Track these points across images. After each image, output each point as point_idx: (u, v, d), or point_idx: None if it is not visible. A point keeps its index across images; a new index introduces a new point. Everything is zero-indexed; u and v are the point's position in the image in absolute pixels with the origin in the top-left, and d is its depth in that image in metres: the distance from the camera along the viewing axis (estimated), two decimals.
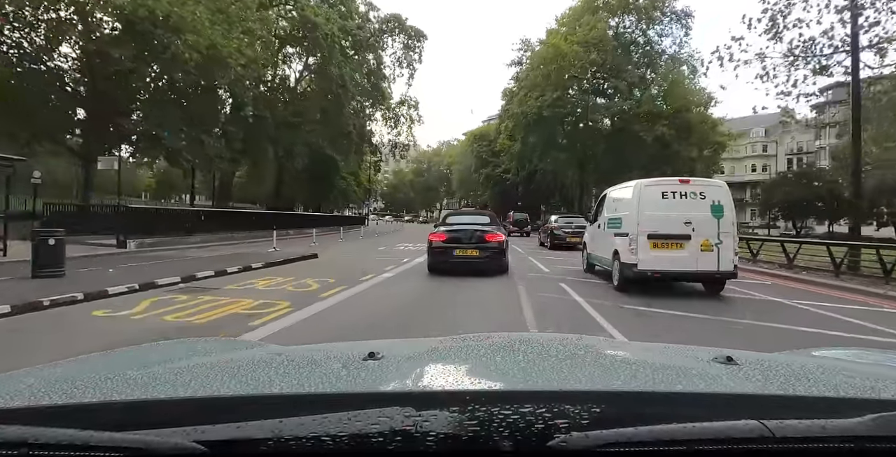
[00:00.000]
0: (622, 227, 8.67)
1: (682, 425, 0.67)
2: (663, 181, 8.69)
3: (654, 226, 8.04)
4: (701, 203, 8.07)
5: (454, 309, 7.04)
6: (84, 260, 11.40)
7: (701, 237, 7.97)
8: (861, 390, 0.98)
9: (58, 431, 0.64)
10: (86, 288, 7.28)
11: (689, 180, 8.56)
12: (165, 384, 1.02)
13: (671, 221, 8.01)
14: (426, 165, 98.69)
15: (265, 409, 0.77)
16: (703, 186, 8.41)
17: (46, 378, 1.07)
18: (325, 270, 10.94)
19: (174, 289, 8.20)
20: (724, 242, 8.00)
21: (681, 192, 8.15)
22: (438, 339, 1.53)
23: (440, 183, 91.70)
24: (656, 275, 8.10)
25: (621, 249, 8.46)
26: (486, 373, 1.13)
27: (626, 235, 8.32)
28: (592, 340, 1.75)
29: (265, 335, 5.18)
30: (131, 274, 9.20)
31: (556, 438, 0.66)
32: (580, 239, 19.02)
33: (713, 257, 7.98)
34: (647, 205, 8.16)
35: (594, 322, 6.17)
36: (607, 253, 9.34)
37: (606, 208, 10.18)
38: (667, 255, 8.00)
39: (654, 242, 8.03)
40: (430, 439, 0.66)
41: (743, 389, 1.00)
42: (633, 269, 8.10)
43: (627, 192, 8.96)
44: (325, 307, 6.89)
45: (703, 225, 7.98)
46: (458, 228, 10.84)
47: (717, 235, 7.99)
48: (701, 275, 8.33)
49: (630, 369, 1.22)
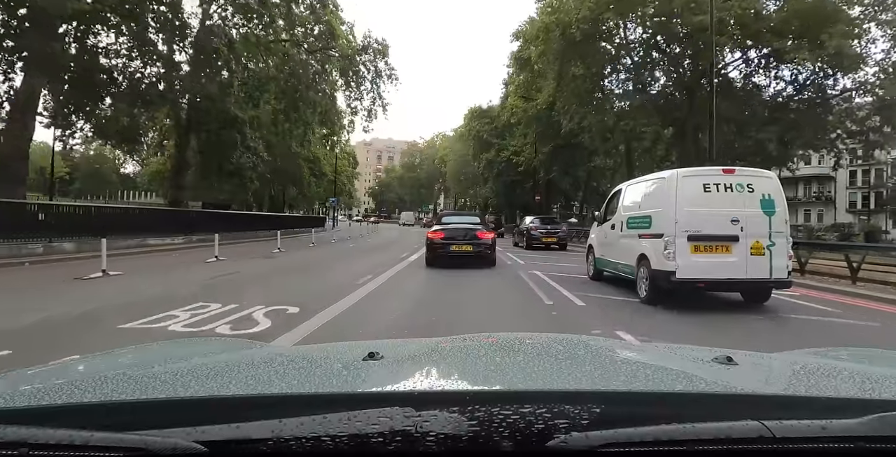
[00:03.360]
0: (652, 226, 7.36)
1: (682, 425, 0.67)
2: (704, 171, 7.47)
3: (695, 225, 6.72)
4: (749, 197, 6.83)
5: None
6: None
7: (751, 238, 6.74)
8: (861, 390, 0.98)
9: (58, 431, 0.64)
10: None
11: (733, 170, 7.34)
12: (165, 384, 1.02)
13: (716, 219, 6.72)
14: (418, 160, 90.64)
15: (265, 409, 0.77)
16: (750, 176, 7.13)
17: (46, 378, 1.07)
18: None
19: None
20: (777, 244, 6.78)
21: (725, 183, 6.86)
22: (438, 339, 1.53)
23: (434, 180, 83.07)
24: (700, 285, 6.84)
25: (652, 254, 7.12)
26: (486, 373, 1.13)
27: (660, 236, 6.97)
28: (592, 340, 1.75)
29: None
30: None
31: (556, 438, 0.66)
32: (554, 239, 19.59)
33: (765, 262, 6.73)
34: (686, 199, 6.82)
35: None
36: (628, 258, 8.04)
37: (623, 206, 8.77)
38: (711, 260, 6.72)
39: (695, 244, 6.70)
40: (430, 439, 0.66)
41: (743, 389, 1.00)
42: (669, 278, 6.71)
43: (659, 184, 7.64)
44: None
45: (753, 223, 6.75)
46: (453, 227, 12.23)
47: (770, 236, 6.76)
48: (751, 284, 7.01)
49: (630, 369, 1.22)
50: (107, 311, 6.23)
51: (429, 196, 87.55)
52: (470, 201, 61.05)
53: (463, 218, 13.41)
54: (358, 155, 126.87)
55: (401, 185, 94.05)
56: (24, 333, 5.00)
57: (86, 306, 6.46)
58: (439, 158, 73.40)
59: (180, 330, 5.17)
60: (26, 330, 5.09)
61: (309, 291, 8.04)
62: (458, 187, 61.77)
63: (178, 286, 8.43)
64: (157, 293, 7.60)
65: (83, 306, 6.45)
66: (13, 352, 4.12)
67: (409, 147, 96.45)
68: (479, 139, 45.21)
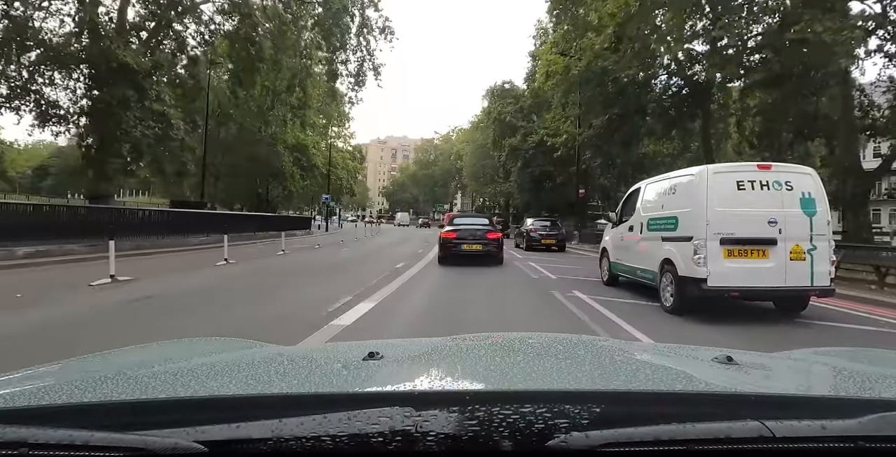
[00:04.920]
0: (679, 229, 6.77)
1: (682, 425, 0.67)
2: (737, 167, 6.89)
3: (728, 227, 6.17)
4: (788, 196, 6.25)
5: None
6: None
7: (790, 241, 6.16)
8: (861, 389, 0.98)
9: (58, 431, 0.64)
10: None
11: (769, 165, 6.66)
12: (165, 384, 1.02)
13: (751, 221, 6.18)
14: (433, 156, 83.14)
15: (265, 409, 0.77)
16: (788, 173, 6.53)
17: (46, 378, 1.07)
18: None
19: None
20: (819, 248, 6.19)
21: (761, 181, 6.29)
22: (438, 339, 1.53)
23: (450, 177, 75.28)
24: (733, 294, 6.23)
25: (679, 259, 6.54)
26: (486, 373, 1.13)
27: (688, 239, 6.40)
28: (592, 340, 1.75)
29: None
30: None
31: (556, 438, 0.66)
32: (553, 241, 19.63)
33: (805, 269, 6.16)
34: (718, 199, 6.25)
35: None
36: (649, 263, 7.49)
37: (643, 206, 8.15)
38: (746, 266, 6.15)
39: (728, 248, 6.16)
40: (430, 439, 0.66)
41: (743, 389, 1.00)
42: (700, 285, 6.16)
43: (686, 182, 6.99)
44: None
45: (793, 225, 6.19)
46: (464, 227, 13.24)
47: (811, 239, 6.19)
48: (790, 292, 6.38)
49: (630, 369, 1.22)
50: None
51: (444, 195, 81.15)
52: (488, 201, 54.98)
53: (473, 219, 14.63)
54: (372, 154, 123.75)
55: (414, 183, 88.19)
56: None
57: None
58: (455, 153, 66.50)
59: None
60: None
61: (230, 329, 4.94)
62: (475, 185, 55.07)
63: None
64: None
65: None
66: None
67: (424, 143, 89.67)
68: (500, 122, 37.55)
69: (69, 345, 4.39)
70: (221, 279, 9.63)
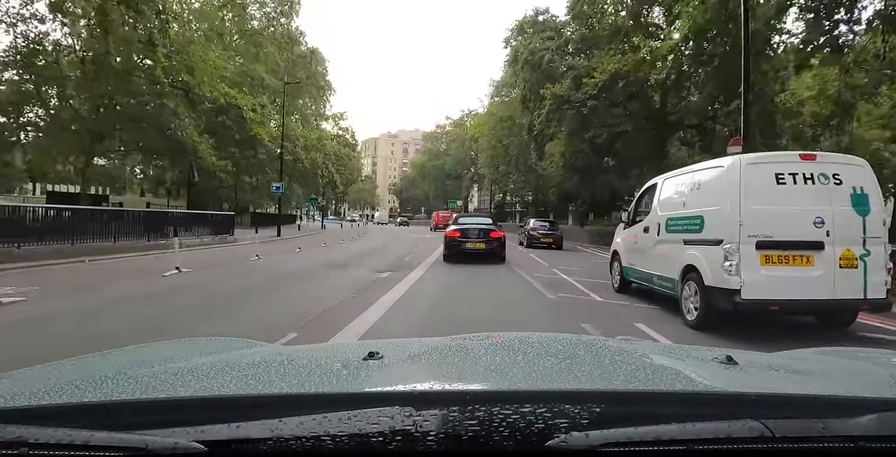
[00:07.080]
0: (705, 230, 5.78)
1: (682, 425, 0.67)
2: (775, 157, 5.83)
3: (765, 228, 5.20)
4: (836, 191, 5.26)
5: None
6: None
7: (840, 246, 5.20)
8: (861, 389, 0.98)
9: (58, 431, 0.64)
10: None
11: (814, 155, 5.60)
12: (165, 384, 1.02)
13: (793, 221, 5.22)
14: (444, 146, 71.25)
15: (265, 409, 0.77)
16: (836, 164, 5.47)
17: (46, 378, 1.07)
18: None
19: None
20: (874, 254, 5.22)
21: (804, 173, 5.28)
22: (438, 339, 1.53)
23: (464, 167, 65.23)
24: (772, 308, 5.25)
25: (706, 266, 5.57)
26: (486, 373, 1.13)
27: (717, 243, 5.43)
28: (592, 340, 1.75)
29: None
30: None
31: (556, 437, 0.66)
32: (551, 240, 20.89)
33: (857, 278, 5.18)
34: (753, 194, 5.25)
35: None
36: (667, 270, 6.45)
37: (660, 204, 7.12)
38: (787, 274, 5.17)
39: (766, 253, 5.17)
40: (430, 439, 0.66)
41: (743, 389, 1.00)
42: (732, 297, 5.16)
43: (714, 175, 5.95)
44: None
45: (843, 226, 5.22)
46: (468, 226, 13.64)
47: (864, 243, 5.22)
48: (839, 305, 5.40)
49: (630, 369, 1.22)
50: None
51: (457, 189, 69.32)
52: (510, 196, 45.58)
53: (476, 219, 15.19)
54: (383, 149, 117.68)
55: (423, 177, 77.33)
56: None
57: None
58: (470, 138, 55.06)
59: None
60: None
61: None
62: (494, 174, 45.06)
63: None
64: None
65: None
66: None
67: (434, 131, 77.57)
68: (533, 66, 25.91)
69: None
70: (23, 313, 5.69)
